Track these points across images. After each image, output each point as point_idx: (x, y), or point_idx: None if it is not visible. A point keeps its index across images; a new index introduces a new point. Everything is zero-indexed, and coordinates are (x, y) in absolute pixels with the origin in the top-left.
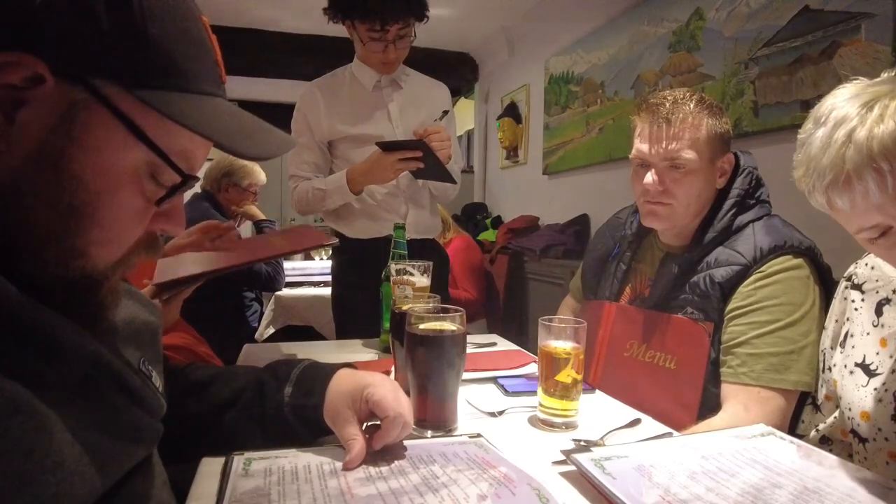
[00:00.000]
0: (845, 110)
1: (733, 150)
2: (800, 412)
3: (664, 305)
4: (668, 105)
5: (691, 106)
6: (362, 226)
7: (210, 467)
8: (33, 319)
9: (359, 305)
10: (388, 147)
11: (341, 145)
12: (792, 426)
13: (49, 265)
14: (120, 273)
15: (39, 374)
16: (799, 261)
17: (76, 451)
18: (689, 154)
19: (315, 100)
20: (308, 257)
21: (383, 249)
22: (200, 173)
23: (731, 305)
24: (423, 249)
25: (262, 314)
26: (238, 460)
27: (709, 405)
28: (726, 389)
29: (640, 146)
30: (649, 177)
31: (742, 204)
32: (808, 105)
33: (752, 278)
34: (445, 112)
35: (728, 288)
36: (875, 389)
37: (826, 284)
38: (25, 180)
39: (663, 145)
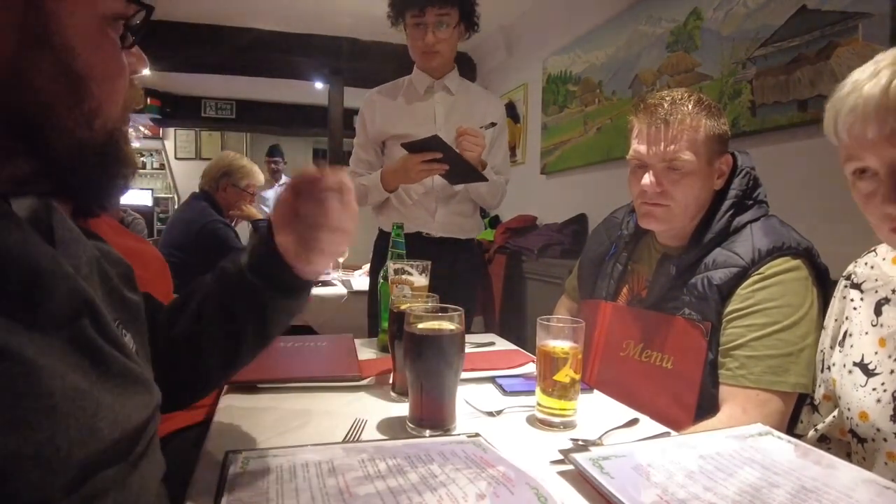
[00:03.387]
0: None
1: (730, 150)
2: (798, 413)
3: (661, 306)
4: (666, 106)
5: (689, 107)
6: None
7: (208, 465)
8: (17, 253)
9: None
10: (411, 148)
11: (390, 145)
12: (790, 427)
13: (76, 131)
14: (125, 125)
15: (25, 314)
16: (797, 262)
17: (68, 397)
18: (687, 155)
19: (372, 102)
20: None
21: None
22: (199, 174)
23: (729, 307)
24: (455, 249)
25: None
26: (236, 458)
27: (707, 406)
28: (724, 392)
29: (638, 147)
30: (647, 178)
31: (740, 205)
32: (805, 105)
33: (750, 280)
34: (493, 124)
35: (726, 290)
36: (874, 390)
37: (824, 285)
38: (24, 61)
39: (661, 146)
